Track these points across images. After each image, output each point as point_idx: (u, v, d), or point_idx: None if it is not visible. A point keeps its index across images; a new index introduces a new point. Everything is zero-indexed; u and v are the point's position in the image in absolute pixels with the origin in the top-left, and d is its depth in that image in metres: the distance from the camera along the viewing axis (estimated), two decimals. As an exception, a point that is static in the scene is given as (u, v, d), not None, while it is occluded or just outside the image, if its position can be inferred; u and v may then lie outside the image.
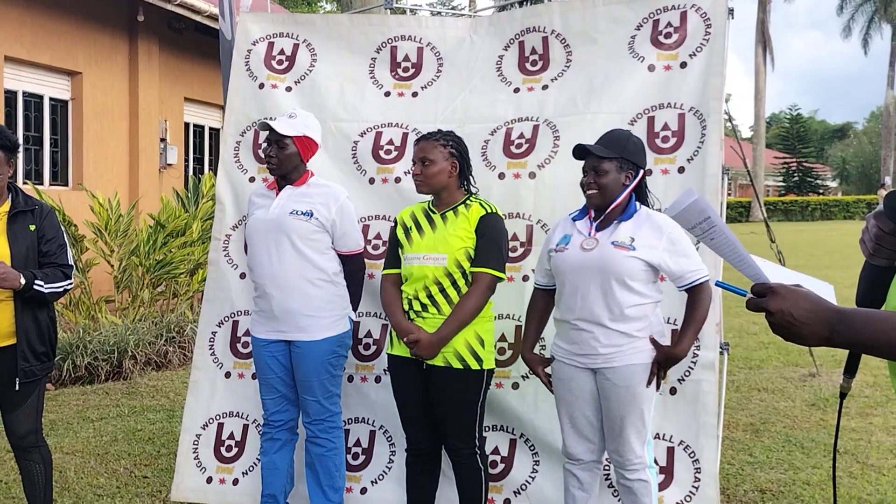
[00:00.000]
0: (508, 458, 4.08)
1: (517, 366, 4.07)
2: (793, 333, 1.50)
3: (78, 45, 10.72)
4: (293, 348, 3.85)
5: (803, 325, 1.48)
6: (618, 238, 3.27)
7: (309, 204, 3.84)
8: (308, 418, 3.88)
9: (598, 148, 3.29)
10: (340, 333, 3.89)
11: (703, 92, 4.00)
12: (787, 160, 55.81)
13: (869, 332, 1.46)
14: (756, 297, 1.55)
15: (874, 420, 5.87)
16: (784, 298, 1.50)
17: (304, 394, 3.86)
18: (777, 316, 1.50)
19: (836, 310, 1.48)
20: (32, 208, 3.62)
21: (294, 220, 3.81)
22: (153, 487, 4.68)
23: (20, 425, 3.66)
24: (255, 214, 3.94)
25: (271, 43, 4.73)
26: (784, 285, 1.52)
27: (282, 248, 3.81)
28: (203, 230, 9.11)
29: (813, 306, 1.49)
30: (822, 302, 1.50)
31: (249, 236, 3.97)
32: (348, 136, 4.50)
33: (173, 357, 7.83)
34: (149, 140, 11.90)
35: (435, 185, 3.56)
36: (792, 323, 1.49)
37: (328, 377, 3.86)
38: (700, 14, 4.09)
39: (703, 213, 1.63)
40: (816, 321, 1.48)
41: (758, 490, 4.54)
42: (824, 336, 1.48)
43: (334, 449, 3.91)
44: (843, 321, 1.47)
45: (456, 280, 3.48)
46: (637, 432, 3.28)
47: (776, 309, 1.50)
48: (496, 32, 4.53)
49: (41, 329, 3.64)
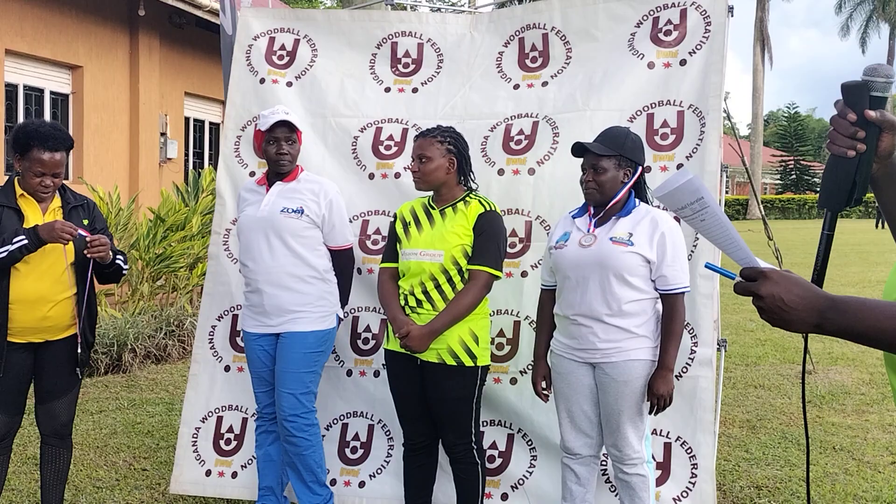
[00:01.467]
0: (506, 452, 4.10)
1: (515, 361, 4.08)
2: (782, 319, 1.48)
3: (79, 39, 10.73)
4: (280, 339, 3.88)
5: (793, 310, 1.47)
6: (616, 234, 3.29)
7: (299, 200, 3.86)
8: (282, 413, 3.83)
9: (596, 146, 3.31)
10: (327, 329, 3.91)
11: (703, 89, 4.01)
12: (784, 158, 55.89)
13: (861, 320, 1.44)
14: (746, 280, 1.54)
15: (870, 417, 5.90)
16: (775, 283, 1.48)
17: (280, 386, 3.84)
18: (767, 300, 1.49)
19: (827, 297, 1.47)
20: (82, 203, 3.84)
21: (285, 218, 3.83)
22: (152, 480, 4.70)
23: (64, 413, 3.82)
24: (246, 211, 3.96)
25: (272, 38, 4.74)
26: (776, 270, 1.51)
27: (274, 247, 3.84)
28: (203, 224, 9.12)
29: (804, 292, 1.47)
30: (813, 288, 1.48)
31: (241, 233, 3.98)
32: (348, 131, 4.52)
33: (173, 350, 7.85)
34: (149, 134, 11.92)
35: (432, 182, 3.58)
36: (782, 308, 1.47)
37: (307, 372, 3.85)
38: (700, 12, 4.10)
39: (697, 193, 1.64)
40: (807, 307, 1.46)
41: (754, 486, 4.57)
42: (814, 323, 1.46)
43: (311, 447, 3.87)
44: (834, 309, 1.45)
45: (452, 277, 3.49)
46: (635, 427, 3.30)
47: (766, 293, 1.49)
48: (496, 29, 4.54)
49: (91, 321, 3.84)
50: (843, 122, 1.68)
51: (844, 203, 1.74)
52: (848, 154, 1.69)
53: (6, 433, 3.68)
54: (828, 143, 1.72)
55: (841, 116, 1.69)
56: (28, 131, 3.59)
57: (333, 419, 4.35)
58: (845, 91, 1.69)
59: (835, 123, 1.70)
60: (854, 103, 1.68)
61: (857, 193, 1.72)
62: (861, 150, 1.69)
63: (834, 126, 1.70)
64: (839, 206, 1.74)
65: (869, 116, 1.67)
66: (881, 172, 1.76)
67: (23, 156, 3.60)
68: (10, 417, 3.67)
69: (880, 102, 1.69)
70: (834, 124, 1.70)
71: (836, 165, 1.72)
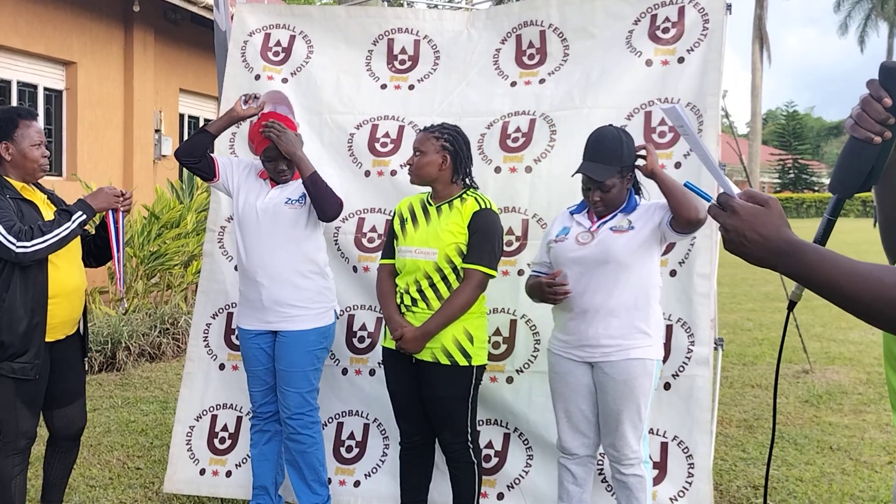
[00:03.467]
0: (502, 452, 4.08)
1: (511, 360, 4.06)
2: (741, 252, 1.52)
3: (73, 34, 10.68)
4: (279, 338, 3.84)
5: (752, 246, 1.49)
6: (616, 224, 3.30)
7: (301, 191, 3.83)
8: (287, 412, 3.82)
9: (600, 170, 3.26)
10: (326, 325, 3.88)
11: (701, 87, 3.99)
12: (782, 157, 56.01)
13: (815, 270, 1.45)
14: (719, 207, 1.55)
15: (867, 417, 5.89)
16: (741, 218, 1.50)
17: (285, 385, 3.82)
18: (731, 233, 1.51)
19: (789, 241, 1.47)
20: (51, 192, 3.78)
21: (289, 209, 3.80)
22: (146, 479, 4.67)
23: (80, 417, 3.75)
24: (248, 200, 3.89)
25: (268, 34, 4.71)
26: (746, 205, 1.50)
27: (276, 238, 3.79)
28: (197, 222, 9.09)
29: (768, 231, 1.48)
30: (780, 229, 1.49)
31: (242, 223, 3.90)
32: (344, 128, 4.49)
33: (167, 349, 7.81)
34: (143, 131, 11.87)
35: (424, 177, 3.56)
36: (742, 243, 1.50)
37: (312, 370, 3.85)
38: (698, 9, 4.08)
39: (678, 121, 1.67)
40: (765, 247, 1.48)
41: (751, 486, 4.55)
42: (771, 262, 1.49)
43: (315, 445, 3.87)
44: (793, 255, 1.46)
45: (446, 275, 3.47)
46: (633, 427, 3.28)
47: (731, 227, 1.51)
48: (493, 26, 4.52)
49: (85, 317, 3.76)
50: (876, 106, 1.59)
51: (856, 190, 1.67)
52: (874, 140, 1.60)
53: (33, 438, 3.57)
54: (852, 125, 1.62)
55: (874, 98, 1.59)
56: (4, 112, 3.54)
57: (329, 418, 4.32)
58: (885, 73, 1.59)
59: (866, 105, 1.60)
60: (892, 87, 1.58)
61: (871, 181, 1.66)
62: (888, 137, 1.60)
63: (864, 107, 1.60)
64: (850, 192, 1.68)
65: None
66: (892, 163, 1.69)
67: (11, 137, 3.46)
68: (36, 419, 3.56)
69: None
70: (865, 106, 1.60)
71: (857, 149, 1.63)
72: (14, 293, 3.35)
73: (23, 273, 3.36)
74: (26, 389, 3.43)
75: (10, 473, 3.47)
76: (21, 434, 3.46)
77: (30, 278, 3.38)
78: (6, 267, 3.35)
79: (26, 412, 3.45)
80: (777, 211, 1.51)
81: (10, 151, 3.47)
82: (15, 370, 3.38)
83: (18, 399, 3.43)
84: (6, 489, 3.47)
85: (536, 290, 3.39)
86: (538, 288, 3.36)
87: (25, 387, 3.42)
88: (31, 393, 3.45)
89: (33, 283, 3.39)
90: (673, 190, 3.17)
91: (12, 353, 3.37)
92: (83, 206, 3.49)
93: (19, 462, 3.50)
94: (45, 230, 3.34)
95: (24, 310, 3.36)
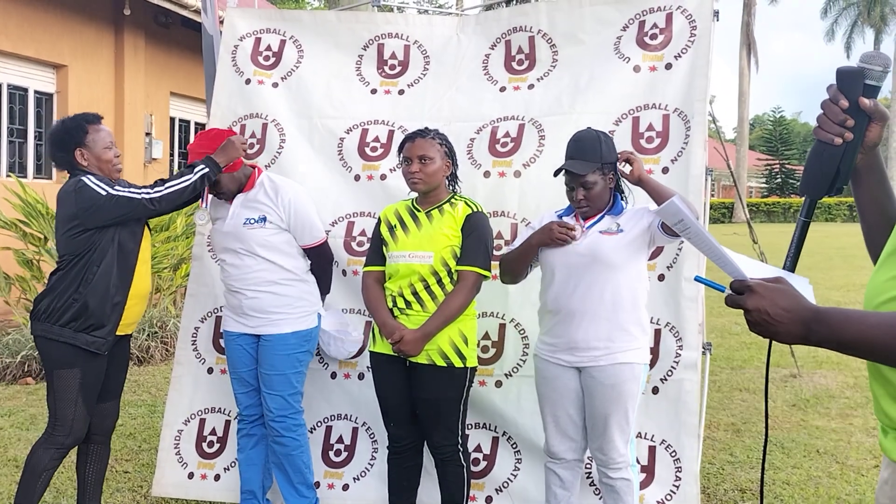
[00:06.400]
0: (491, 455, 4.09)
1: (500, 364, 4.08)
2: (769, 331, 1.51)
3: (63, 38, 10.66)
4: (261, 341, 3.87)
5: (779, 323, 1.49)
6: (604, 226, 3.32)
7: (260, 209, 3.85)
8: (270, 415, 3.85)
9: (579, 164, 3.29)
10: (308, 329, 3.91)
11: (688, 93, 4.02)
12: (769, 162, 56.23)
13: (845, 331, 1.46)
14: (734, 293, 1.56)
15: (854, 421, 5.92)
16: (761, 297, 1.50)
17: (268, 388, 3.85)
18: (754, 314, 1.51)
19: (812, 309, 1.48)
20: None
21: (249, 230, 3.83)
22: (134, 482, 4.66)
23: (116, 411, 3.87)
24: (215, 225, 3.99)
25: (258, 39, 4.72)
26: (762, 283, 1.52)
27: (245, 258, 3.85)
28: (187, 225, 9.06)
29: (790, 304, 1.49)
30: (799, 300, 1.50)
31: (214, 246, 4.05)
32: (334, 132, 4.50)
33: (155, 352, 7.79)
34: (134, 134, 11.84)
35: (433, 183, 3.56)
36: (768, 321, 1.49)
37: (294, 373, 3.87)
38: (686, 16, 4.11)
39: (677, 216, 1.68)
40: (793, 320, 1.48)
41: (738, 489, 4.57)
42: (800, 335, 1.48)
43: (300, 447, 3.89)
44: (819, 321, 1.47)
45: (442, 278, 3.48)
46: (621, 431, 3.30)
47: (753, 307, 1.51)
48: (483, 31, 4.54)
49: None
50: (835, 108, 1.66)
51: (826, 191, 1.72)
52: (835, 141, 1.66)
53: (79, 440, 3.63)
54: (815, 129, 1.70)
55: (833, 101, 1.66)
56: (72, 121, 3.63)
57: (317, 421, 4.33)
58: (840, 76, 1.66)
59: (826, 108, 1.67)
60: (848, 89, 1.65)
61: (839, 182, 1.71)
62: (848, 138, 1.66)
63: (824, 111, 1.67)
64: (820, 193, 1.73)
65: (863, 105, 1.65)
66: (863, 164, 1.75)
67: (84, 142, 3.60)
68: (88, 421, 3.63)
69: (874, 91, 1.66)
70: (825, 109, 1.67)
71: (821, 152, 1.70)
72: (110, 265, 3.50)
73: (120, 250, 3.53)
74: (88, 382, 3.54)
75: (44, 465, 3.54)
76: (72, 431, 3.55)
77: (122, 257, 3.54)
78: (104, 238, 3.49)
79: (83, 409, 3.55)
80: (790, 284, 1.53)
81: (86, 156, 3.62)
82: (88, 343, 3.50)
83: (81, 393, 3.53)
84: (35, 479, 3.52)
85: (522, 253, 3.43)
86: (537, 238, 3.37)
87: (88, 379, 3.53)
88: (93, 386, 3.57)
89: (124, 264, 3.55)
90: (662, 194, 3.20)
91: (91, 325, 3.50)
92: (207, 160, 3.63)
93: (56, 457, 3.57)
94: (168, 180, 3.56)
95: (112, 284, 3.52)
